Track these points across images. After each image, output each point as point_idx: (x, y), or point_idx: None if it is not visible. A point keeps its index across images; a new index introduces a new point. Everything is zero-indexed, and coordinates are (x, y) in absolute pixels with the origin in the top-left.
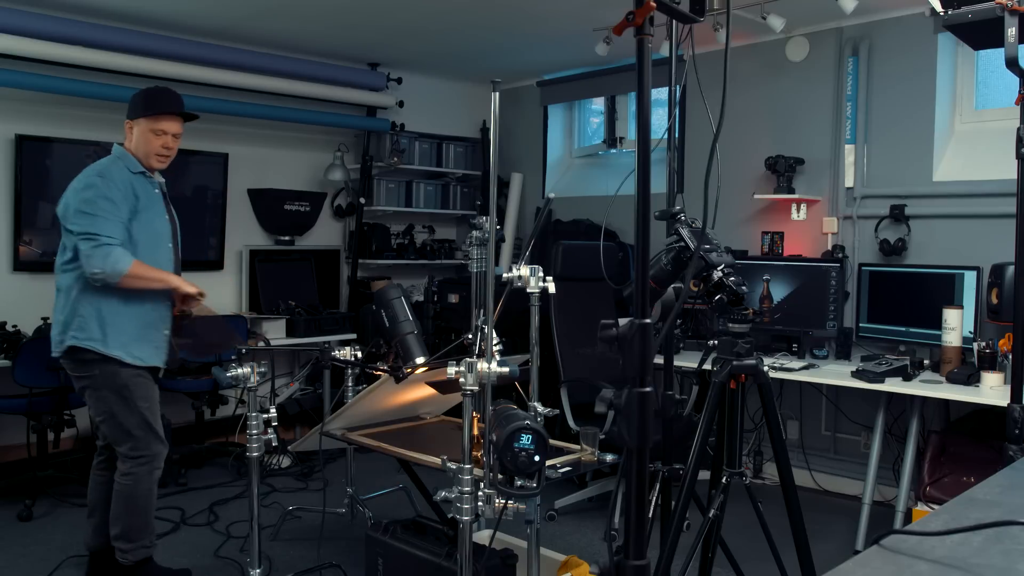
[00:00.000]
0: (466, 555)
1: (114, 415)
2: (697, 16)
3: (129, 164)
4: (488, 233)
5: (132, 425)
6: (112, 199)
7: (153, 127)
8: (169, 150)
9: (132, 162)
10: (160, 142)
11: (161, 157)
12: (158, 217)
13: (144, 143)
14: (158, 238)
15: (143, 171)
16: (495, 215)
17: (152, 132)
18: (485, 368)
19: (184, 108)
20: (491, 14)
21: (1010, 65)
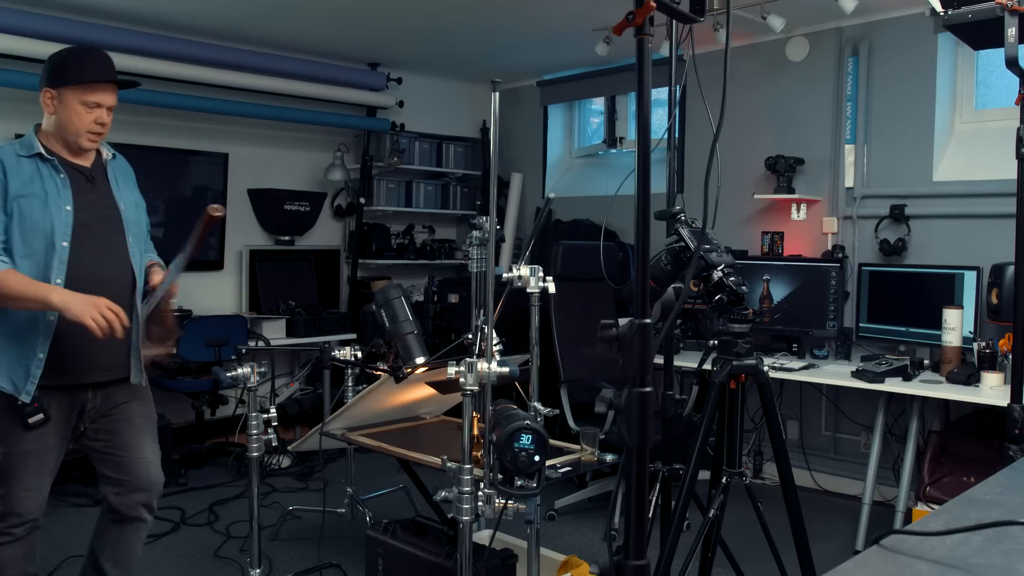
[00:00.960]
0: (466, 555)
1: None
2: (697, 16)
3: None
4: (488, 233)
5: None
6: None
7: (84, 98)
8: (103, 127)
9: (30, 145)
10: (93, 117)
11: (93, 136)
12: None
13: (72, 118)
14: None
15: (40, 152)
16: (495, 215)
17: (83, 105)
18: (485, 368)
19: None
20: (491, 14)
21: (1010, 65)
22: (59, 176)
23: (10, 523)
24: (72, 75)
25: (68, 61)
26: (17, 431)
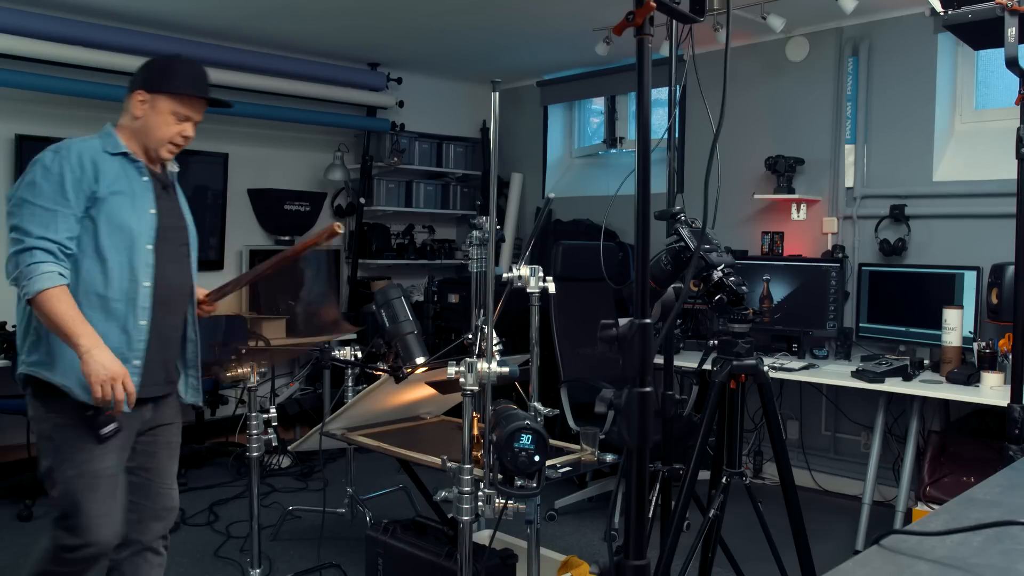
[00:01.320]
0: (466, 555)
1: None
2: (697, 16)
3: (109, 144)
4: (488, 233)
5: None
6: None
7: (177, 109)
8: (186, 140)
9: (115, 143)
10: (179, 129)
11: (174, 148)
12: (137, 210)
13: (160, 126)
14: (132, 237)
15: (126, 152)
16: (495, 215)
17: (174, 115)
18: (485, 368)
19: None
20: (491, 14)
21: (1010, 65)
22: (143, 179)
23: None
24: (172, 84)
25: (171, 69)
26: (87, 446)
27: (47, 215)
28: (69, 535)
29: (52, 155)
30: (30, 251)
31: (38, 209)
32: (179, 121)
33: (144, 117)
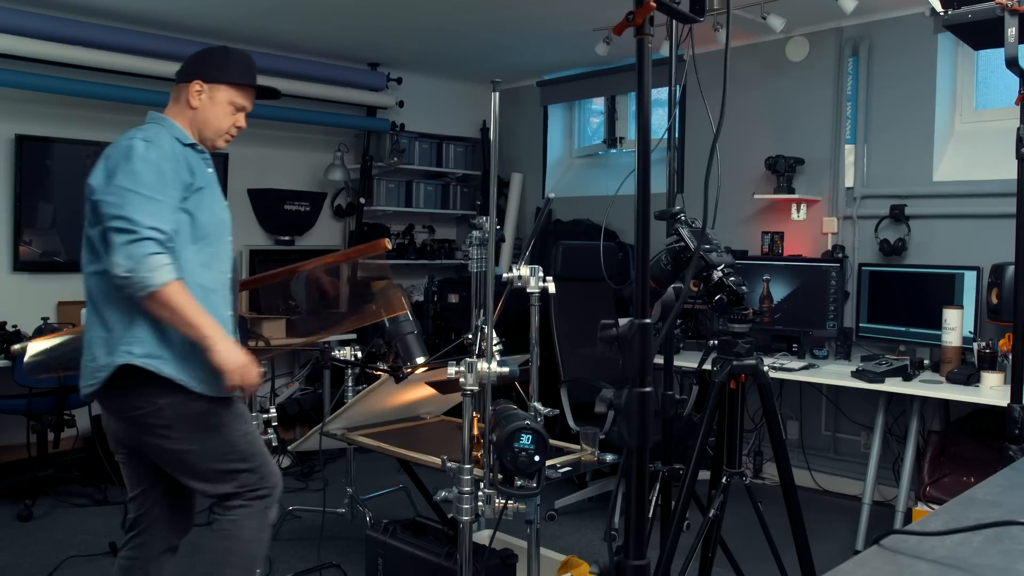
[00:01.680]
0: (466, 555)
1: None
2: (697, 16)
3: (177, 133)
4: (488, 233)
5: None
6: (161, 171)
7: (235, 99)
8: (238, 130)
9: (180, 131)
10: (235, 120)
11: (228, 138)
12: (218, 201)
13: (219, 116)
14: (221, 228)
15: (193, 143)
16: (495, 215)
17: (232, 105)
18: (485, 368)
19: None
20: (491, 14)
21: (1010, 65)
22: (209, 170)
23: (276, 495)
24: (232, 74)
25: (230, 59)
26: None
27: (153, 205)
28: (261, 483)
29: (145, 144)
30: (143, 241)
31: (142, 198)
32: (235, 111)
33: (202, 107)
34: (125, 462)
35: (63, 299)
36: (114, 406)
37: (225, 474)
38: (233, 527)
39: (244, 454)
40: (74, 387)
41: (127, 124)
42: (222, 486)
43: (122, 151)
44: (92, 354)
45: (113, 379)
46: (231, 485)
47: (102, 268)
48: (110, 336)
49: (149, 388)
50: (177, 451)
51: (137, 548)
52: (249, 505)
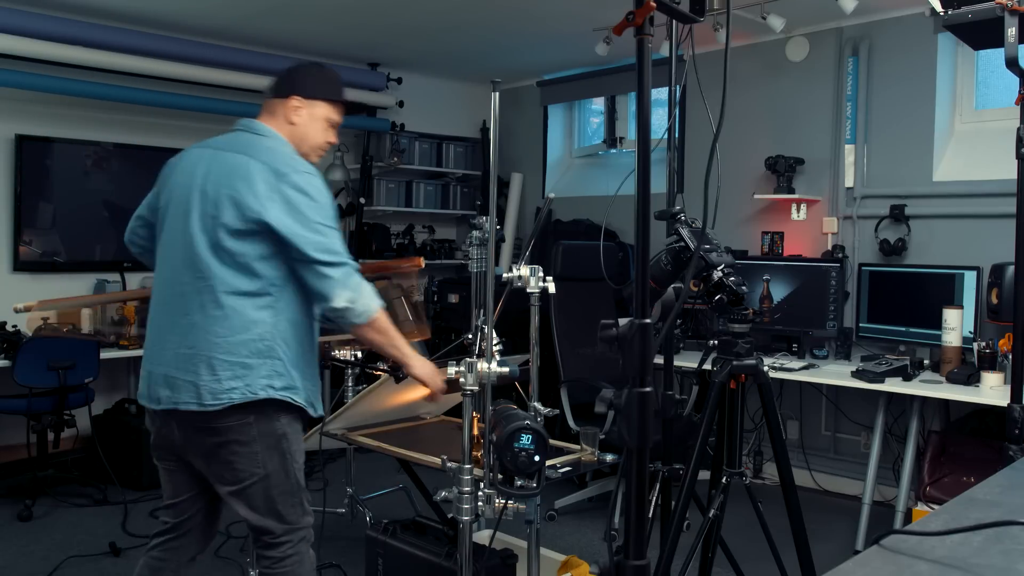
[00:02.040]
0: (466, 555)
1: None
2: (697, 16)
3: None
4: (488, 233)
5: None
6: (332, 206)
7: (331, 116)
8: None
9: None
10: (329, 136)
11: (322, 153)
12: None
13: (317, 132)
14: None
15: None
16: (495, 215)
17: (327, 121)
18: (485, 368)
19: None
20: (491, 14)
21: (1010, 65)
22: None
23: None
24: (333, 91)
25: (328, 76)
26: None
27: (338, 235)
28: (303, 515)
29: (317, 177)
30: (355, 272)
31: (334, 231)
32: (330, 127)
33: (301, 123)
34: (173, 470)
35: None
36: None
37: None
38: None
39: (295, 487)
40: (74, 387)
41: (127, 124)
42: (267, 520)
43: (304, 183)
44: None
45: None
46: (275, 521)
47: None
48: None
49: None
50: (242, 470)
51: (171, 551)
52: (298, 552)
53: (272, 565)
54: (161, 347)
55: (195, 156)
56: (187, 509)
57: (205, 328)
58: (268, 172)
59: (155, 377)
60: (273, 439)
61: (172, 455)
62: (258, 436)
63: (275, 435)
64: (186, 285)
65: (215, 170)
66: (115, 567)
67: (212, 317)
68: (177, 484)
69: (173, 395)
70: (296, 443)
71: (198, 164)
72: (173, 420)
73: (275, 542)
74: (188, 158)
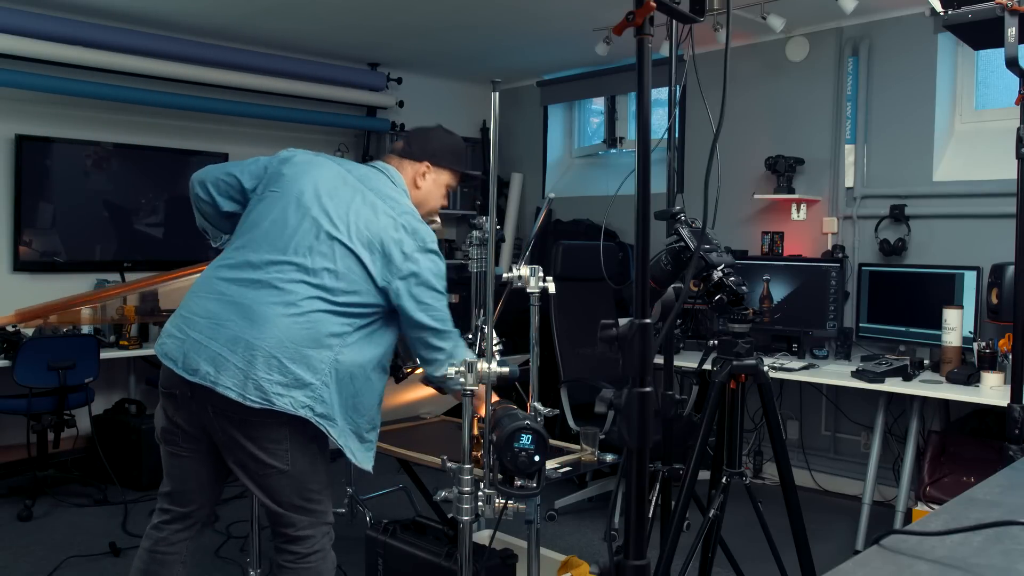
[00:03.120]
0: (466, 555)
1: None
2: (697, 16)
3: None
4: (488, 233)
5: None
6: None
7: (452, 183)
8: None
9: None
10: (444, 203)
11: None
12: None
13: (437, 198)
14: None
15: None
16: (495, 215)
17: (448, 188)
18: (485, 368)
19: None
20: (491, 14)
21: (1010, 65)
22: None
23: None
24: (460, 162)
25: (458, 147)
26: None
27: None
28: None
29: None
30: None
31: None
32: (447, 196)
33: (426, 189)
34: (186, 455)
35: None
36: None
37: (298, 503)
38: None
39: (324, 483)
40: (74, 387)
41: (127, 124)
42: (291, 513)
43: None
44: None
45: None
46: (299, 515)
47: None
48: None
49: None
50: (268, 463)
51: (179, 544)
52: (322, 548)
53: (297, 561)
54: (220, 324)
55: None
56: (195, 498)
57: (285, 328)
58: (412, 242)
59: (200, 349)
60: (304, 438)
61: (194, 441)
62: (289, 435)
63: (306, 435)
64: (281, 277)
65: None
66: (115, 567)
67: (294, 320)
68: (185, 470)
69: (216, 374)
70: (327, 445)
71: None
72: (204, 397)
73: (299, 535)
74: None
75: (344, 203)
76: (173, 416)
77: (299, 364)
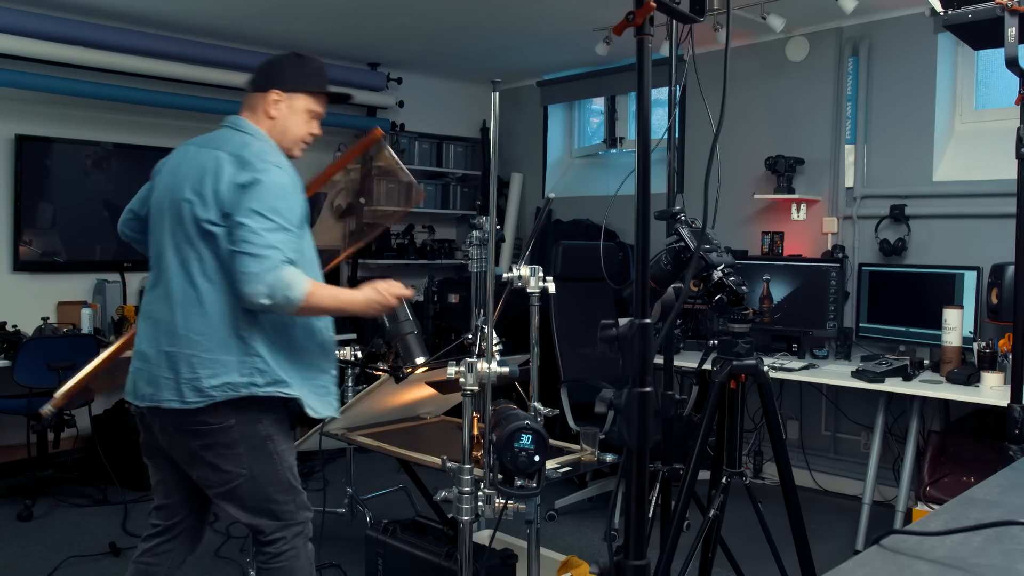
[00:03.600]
0: (466, 555)
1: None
2: (697, 16)
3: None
4: (488, 233)
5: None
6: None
7: (312, 107)
8: (313, 138)
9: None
10: (311, 128)
11: (304, 147)
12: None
13: (298, 125)
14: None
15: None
16: (495, 215)
17: (310, 114)
18: (485, 368)
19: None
20: (491, 14)
21: (1010, 65)
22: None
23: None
24: (312, 81)
25: (308, 67)
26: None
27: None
28: (296, 511)
29: (284, 171)
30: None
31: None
32: (311, 119)
33: (281, 117)
34: (165, 470)
35: (63, 299)
36: (181, 419)
37: (264, 508)
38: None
39: (285, 486)
40: None
41: (127, 124)
42: (258, 519)
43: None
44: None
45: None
46: (266, 519)
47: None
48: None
49: (229, 406)
50: (227, 472)
51: (163, 555)
52: (293, 547)
53: (268, 561)
54: (147, 342)
55: (180, 154)
56: (177, 512)
57: (187, 326)
58: (234, 162)
59: (141, 374)
60: (257, 440)
61: (162, 456)
62: (241, 439)
63: (259, 436)
64: (171, 281)
65: (192, 166)
66: (115, 567)
67: (193, 314)
68: (168, 484)
69: (156, 392)
70: (283, 443)
71: (181, 162)
72: (156, 418)
73: (269, 539)
74: (175, 156)
75: (188, 180)
76: (143, 435)
77: (217, 350)
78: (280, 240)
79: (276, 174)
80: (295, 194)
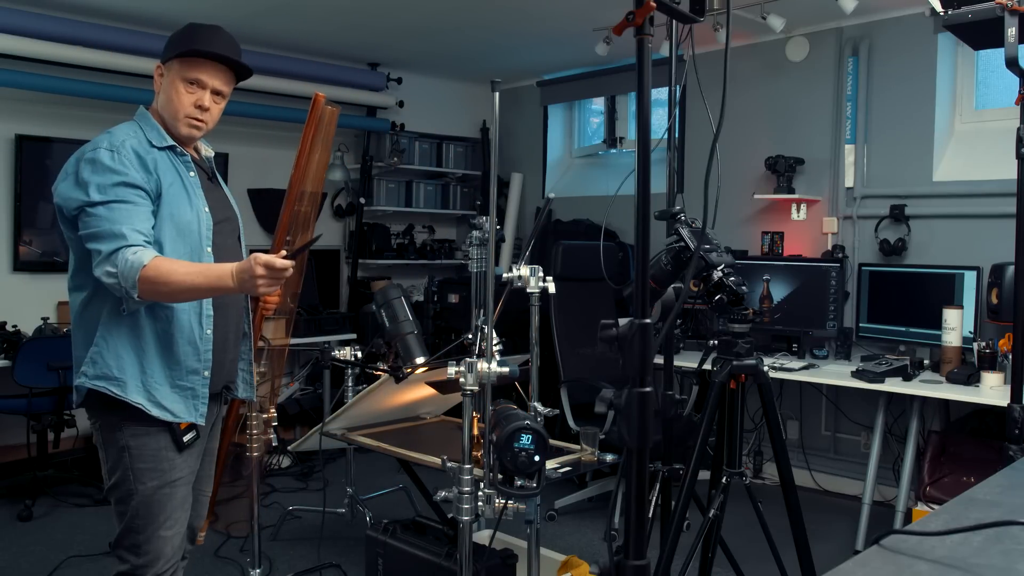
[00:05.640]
0: (466, 555)
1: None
2: (697, 16)
3: (150, 134)
4: (488, 233)
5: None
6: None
7: (185, 74)
8: (204, 113)
9: (154, 130)
10: (194, 99)
11: (193, 122)
12: (191, 207)
13: (172, 98)
14: (192, 238)
15: (171, 145)
16: (495, 215)
17: (184, 82)
18: (485, 368)
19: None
20: (491, 14)
21: (1010, 65)
22: (191, 174)
23: (158, 570)
24: (179, 44)
25: (183, 31)
26: (168, 456)
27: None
28: (132, 555)
29: (106, 150)
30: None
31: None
32: (190, 88)
33: (163, 92)
34: None
35: (63, 299)
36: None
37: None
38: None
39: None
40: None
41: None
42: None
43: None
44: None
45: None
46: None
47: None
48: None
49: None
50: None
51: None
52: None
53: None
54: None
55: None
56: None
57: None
58: (75, 156)
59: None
60: (115, 450)
61: None
62: (103, 444)
63: (116, 446)
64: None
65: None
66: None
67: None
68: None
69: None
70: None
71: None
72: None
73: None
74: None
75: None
76: None
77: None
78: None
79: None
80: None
